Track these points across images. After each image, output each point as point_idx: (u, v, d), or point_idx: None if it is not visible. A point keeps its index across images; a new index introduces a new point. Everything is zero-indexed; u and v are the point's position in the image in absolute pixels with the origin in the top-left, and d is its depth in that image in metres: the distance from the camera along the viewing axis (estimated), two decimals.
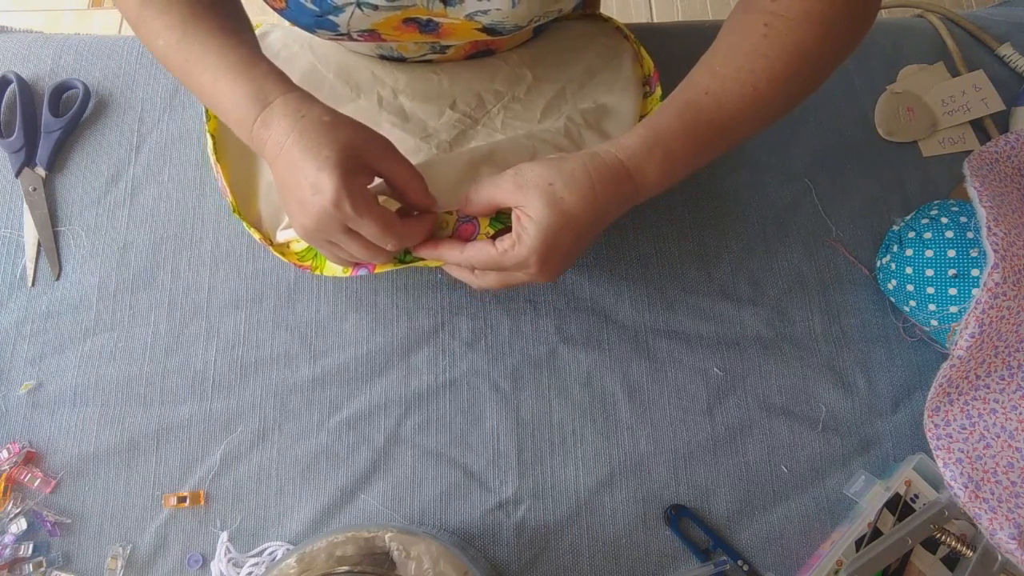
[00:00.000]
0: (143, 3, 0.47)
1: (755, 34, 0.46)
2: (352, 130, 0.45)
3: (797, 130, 0.71)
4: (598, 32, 0.66)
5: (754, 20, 0.47)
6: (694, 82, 0.48)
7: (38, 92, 0.67)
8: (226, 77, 0.46)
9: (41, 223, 0.63)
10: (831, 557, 0.55)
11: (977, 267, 0.57)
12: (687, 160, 0.47)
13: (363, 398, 0.60)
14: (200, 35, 0.46)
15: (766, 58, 0.46)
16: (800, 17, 0.45)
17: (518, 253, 0.45)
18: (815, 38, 0.46)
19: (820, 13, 0.45)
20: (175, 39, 0.47)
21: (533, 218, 0.44)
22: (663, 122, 0.47)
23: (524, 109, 0.61)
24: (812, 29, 0.45)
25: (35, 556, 0.54)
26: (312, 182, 0.43)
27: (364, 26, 0.51)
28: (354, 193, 0.43)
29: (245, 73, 0.46)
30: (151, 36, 0.48)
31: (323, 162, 0.42)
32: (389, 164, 0.46)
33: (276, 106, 0.45)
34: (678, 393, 0.61)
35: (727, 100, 0.46)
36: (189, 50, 0.46)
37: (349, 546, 0.47)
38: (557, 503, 0.58)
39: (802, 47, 0.46)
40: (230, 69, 0.46)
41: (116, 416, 0.58)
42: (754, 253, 0.66)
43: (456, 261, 0.49)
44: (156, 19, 0.47)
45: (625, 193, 0.46)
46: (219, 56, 0.46)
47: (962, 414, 0.58)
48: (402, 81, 0.61)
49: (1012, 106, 0.71)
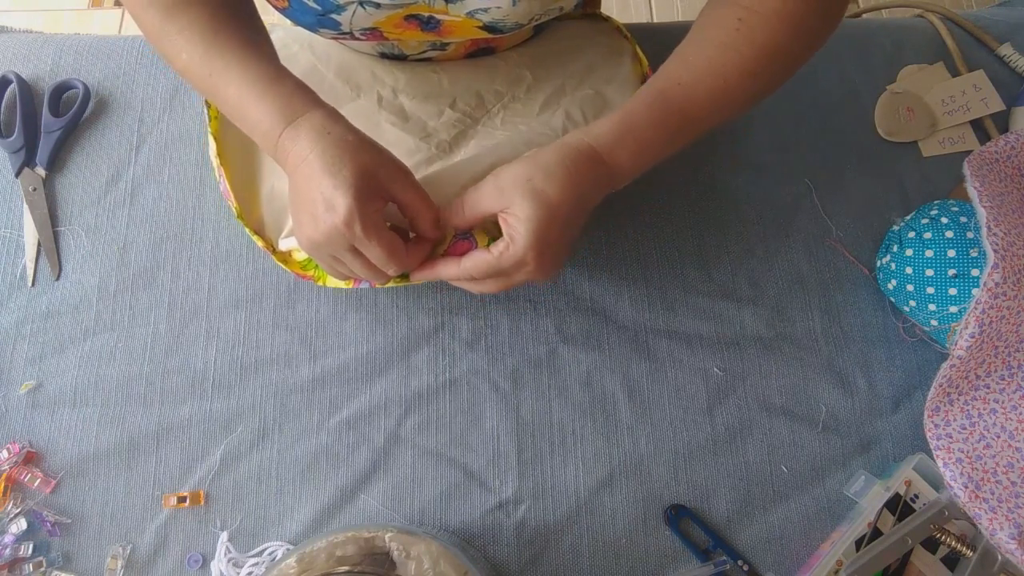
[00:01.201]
0: (165, 18, 0.48)
1: (728, 28, 0.47)
2: (373, 153, 0.46)
3: (797, 130, 0.71)
4: (598, 32, 0.66)
5: (728, 14, 0.47)
6: (667, 72, 0.49)
7: (38, 92, 0.67)
8: (252, 92, 0.46)
9: (41, 223, 0.63)
10: (831, 557, 0.55)
11: (977, 267, 0.57)
12: (658, 147, 0.49)
13: (363, 398, 0.60)
14: (223, 50, 0.47)
15: (738, 53, 0.47)
16: (771, 14, 0.46)
17: (514, 253, 0.46)
18: (786, 35, 0.47)
19: (791, 11, 0.46)
20: (199, 54, 0.47)
21: (520, 216, 0.45)
22: (635, 110, 0.48)
23: (524, 107, 0.61)
24: (783, 26, 0.47)
25: (35, 556, 0.54)
26: (327, 198, 0.44)
27: (366, 24, 0.51)
28: (366, 216, 0.44)
29: (271, 88, 0.46)
30: (173, 51, 0.49)
31: (340, 181, 0.43)
32: (404, 192, 0.47)
33: (303, 121, 0.46)
34: (678, 393, 0.61)
35: (698, 91, 0.48)
36: (212, 65, 0.47)
37: (349, 546, 0.47)
38: (557, 503, 0.58)
39: (773, 43, 0.47)
40: (256, 84, 0.46)
41: (116, 416, 0.58)
42: (754, 253, 0.66)
43: (455, 276, 0.50)
44: (178, 35, 0.48)
45: (600, 176, 0.47)
46: (243, 70, 0.47)
47: (962, 414, 0.58)
48: (402, 80, 0.61)
49: (1012, 106, 0.71)
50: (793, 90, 0.71)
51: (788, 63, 0.49)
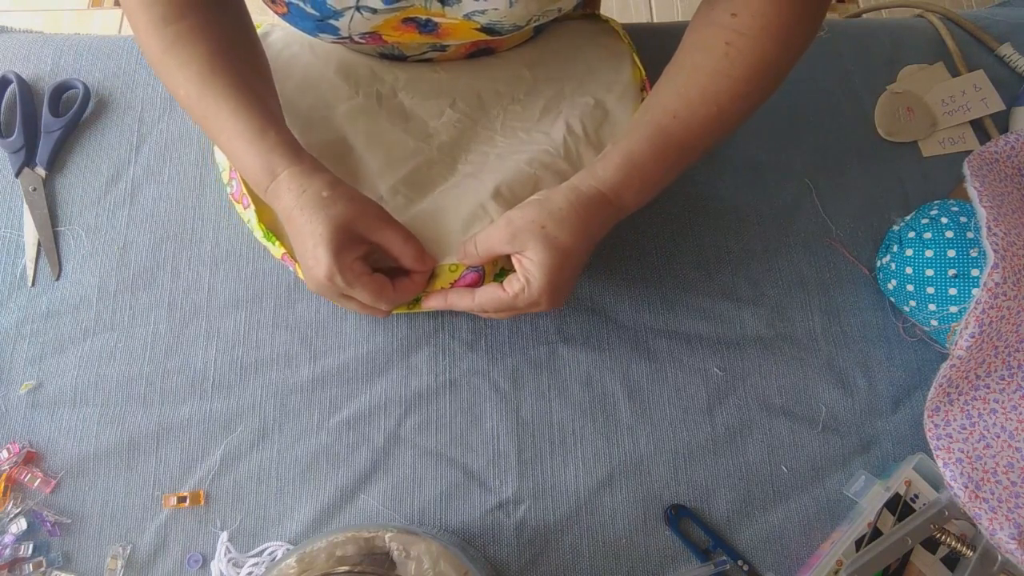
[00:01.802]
0: (164, 51, 0.49)
1: (717, 53, 0.48)
2: (346, 204, 0.48)
3: (797, 130, 0.71)
4: (599, 32, 0.66)
5: (715, 37, 0.48)
6: (662, 104, 0.50)
7: (38, 92, 0.67)
8: (240, 141, 0.48)
9: (41, 223, 0.63)
10: (831, 557, 0.55)
11: (977, 267, 0.57)
12: (659, 180, 0.51)
13: (363, 398, 0.60)
14: (216, 94, 0.48)
15: (729, 78, 0.48)
16: (760, 33, 0.47)
17: (529, 296, 0.49)
18: (775, 51, 0.48)
19: (779, 26, 0.47)
20: (194, 93, 0.49)
21: (536, 261, 0.48)
22: (636, 149, 0.50)
23: (523, 110, 0.61)
24: (772, 43, 0.48)
25: (35, 556, 0.54)
26: (312, 254, 0.47)
27: (364, 29, 0.51)
28: (344, 268, 0.47)
29: (255, 143, 0.48)
30: (173, 85, 0.50)
31: (318, 239, 0.46)
32: (382, 234, 0.49)
33: (282, 180, 0.48)
34: (678, 393, 0.61)
35: (694, 121, 0.49)
36: (206, 107, 0.49)
37: (349, 546, 0.47)
38: (557, 503, 0.58)
39: (764, 62, 0.48)
40: (242, 134, 0.48)
41: (116, 416, 0.58)
42: (754, 253, 0.66)
43: (468, 308, 0.52)
44: (177, 70, 0.49)
45: (607, 217, 0.50)
46: (233, 119, 0.48)
47: (962, 414, 0.58)
48: (402, 79, 0.61)
49: (1012, 106, 0.71)
50: (793, 90, 0.71)
51: (778, 77, 0.50)
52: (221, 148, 0.51)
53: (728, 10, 0.48)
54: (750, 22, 0.47)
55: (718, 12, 0.49)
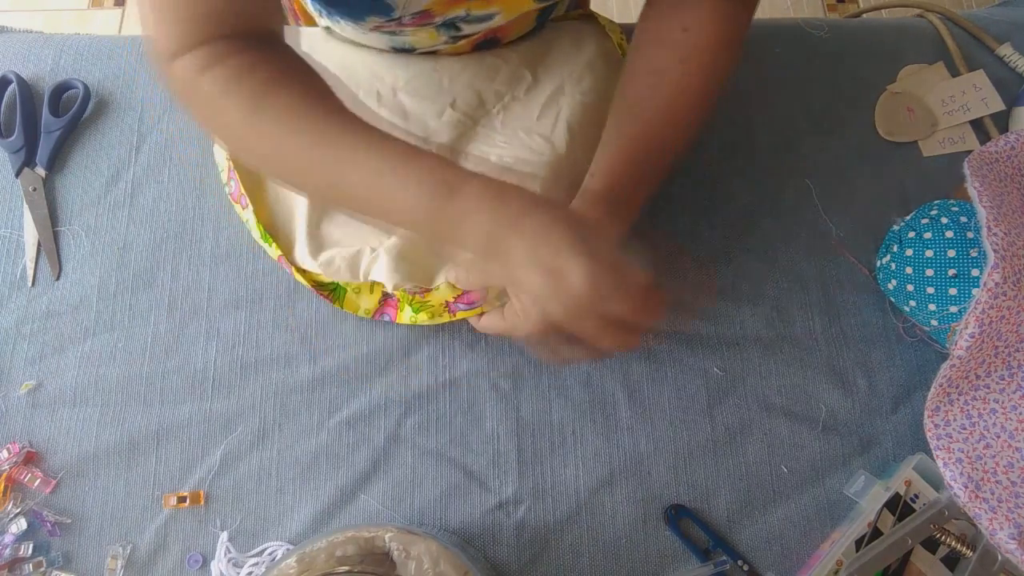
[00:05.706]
0: (253, 109, 0.43)
1: (673, 72, 0.49)
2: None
3: (797, 130, 0.71)
4: (599, 32, 0.66)
5: (668, 57, 0.49)
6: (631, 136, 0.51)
7: (38, 92, 0.67)
8: (390, 177, 0.42)
9: (41, 223, 0.63)
10: (831, 557, 0.55)
11: (977, 267, 0.57)
12: (642, 202, 0.51)
13: (363, 398, 0.60)
14: (341, 135, 0.43)
15: (685, 94, 0.49)
16: (714, 45, 0.48)
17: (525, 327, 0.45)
18: (726, 57, 0.49)
19: (730, 33, 0.48)
20: (306, 143, 0.43)
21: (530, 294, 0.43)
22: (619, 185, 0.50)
23: (523, 109, 0.61)
24: (726, 52, 0.49)
25: (35, 556, 0.54)
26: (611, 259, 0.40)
27: (418, 8, 0.50)
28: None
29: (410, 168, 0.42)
30: (267, 146, 0.44)
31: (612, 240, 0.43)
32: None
33: (472, 191, 0.41)
34: (678, 393, 0.61)
35: (662, 142, 0.51)
36: (323, 154, 0.43)
37: (349, 546, 0.47)
38: (557, 503, 0.58)
39: (717, 72, 0.49)
40: (389, 165, 0.42)
41: (116, 416, 0.58)
42: (754, 253, 0.66)
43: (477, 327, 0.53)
44: (273, 123, 0.43)
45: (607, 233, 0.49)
46: (365, 154, 0.42)
47: (962, 414, 0.58)
48: (402, 79, 0.61)
49: (1012, 106, 0.71)
50: (793, 90, 0.71)
51: (727, 77, 0.51)
52: (350, 191, 0.43)
53: (678, 27, 0.48)
54: (703, 32, 0.48)
55: (667, 29, 0.49)
